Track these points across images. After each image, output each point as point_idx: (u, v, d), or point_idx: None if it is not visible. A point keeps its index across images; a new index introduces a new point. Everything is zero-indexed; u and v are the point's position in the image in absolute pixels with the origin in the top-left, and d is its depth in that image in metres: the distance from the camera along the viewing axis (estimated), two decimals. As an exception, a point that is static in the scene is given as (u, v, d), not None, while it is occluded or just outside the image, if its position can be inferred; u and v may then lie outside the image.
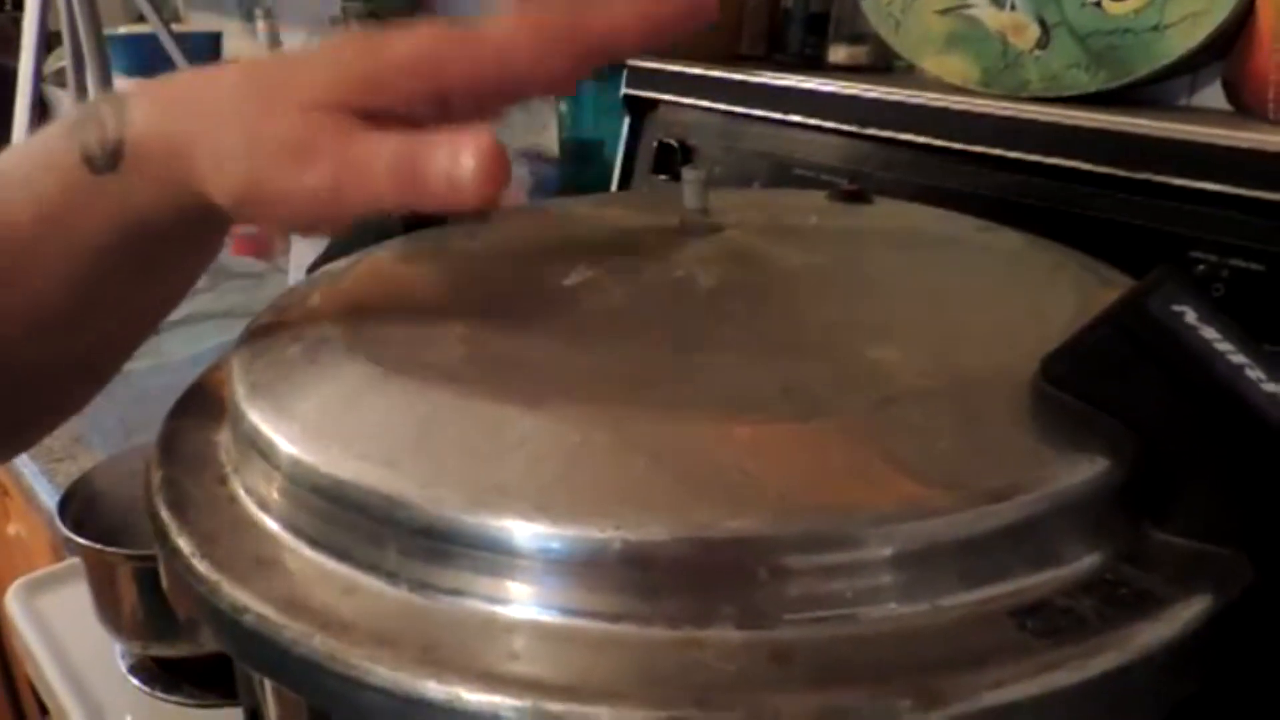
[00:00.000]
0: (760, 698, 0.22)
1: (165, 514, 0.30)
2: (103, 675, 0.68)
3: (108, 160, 0.34)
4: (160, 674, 0.67)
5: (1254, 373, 0.24)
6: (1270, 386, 0.24)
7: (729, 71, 0.72)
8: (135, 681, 0.67)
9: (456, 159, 0.29)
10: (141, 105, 0.34)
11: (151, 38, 1.34)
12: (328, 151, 0.31)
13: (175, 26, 1.52)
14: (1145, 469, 0.25)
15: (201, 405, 0.35)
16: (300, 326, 0.34)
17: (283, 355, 0.33)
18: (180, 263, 0.38)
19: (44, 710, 0.73)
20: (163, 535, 0.30)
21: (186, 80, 0.35)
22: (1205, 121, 0.51)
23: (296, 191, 0.31)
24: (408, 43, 0.32)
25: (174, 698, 0.65)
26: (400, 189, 0.30)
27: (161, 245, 0.36)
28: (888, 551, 0.23)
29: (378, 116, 0.31)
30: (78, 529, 0.65)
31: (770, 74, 0.70)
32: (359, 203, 0.31)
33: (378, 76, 0.32)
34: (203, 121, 0.33)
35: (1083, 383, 0.25)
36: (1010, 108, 0.58)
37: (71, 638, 0.72)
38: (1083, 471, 0.25)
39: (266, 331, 0.35)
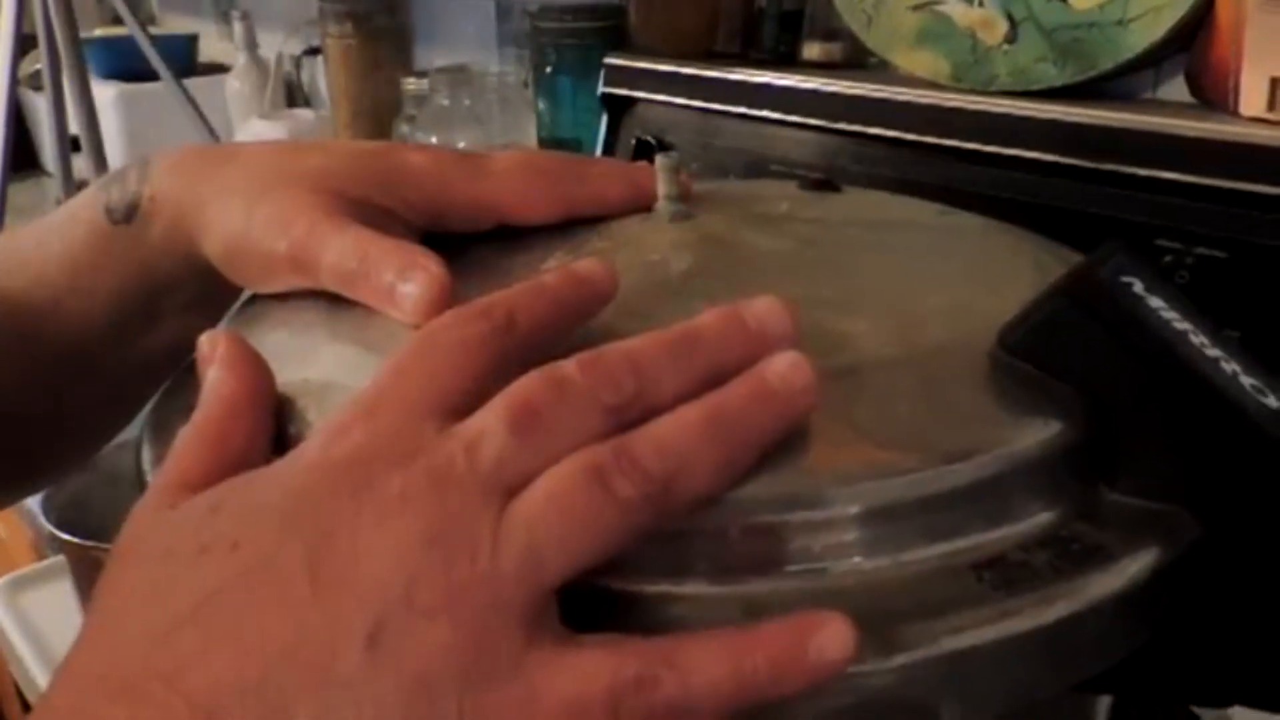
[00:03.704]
0: None
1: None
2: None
3: (125, 212, 0.37)
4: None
5: (1197, 339, 0.25)
6: (1213, 352, 0.25)
7: (705, 69, 0.73)
8: (120, 675, 0.67)
9: (403, 277, 0.31)
10: (164, 167, 0.38)
11: (128, 40, 1.34)
12: (300, 226, 0.33)
13: (151, 29, 1.52)
14: (1097, 432, 0.26)
15: (189, 390, 0.36)
16: (284, 312, 0.35)
17: (267, 340, 0.33)
18: (187, 316, 0.40)
19: (28, 709, 0.73)
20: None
21: (215, 151, 0.39)
22: (1169, 113, 0.53)
23: (266, 256, 0.34)
24: (421, 159, 0.36)
25: (159, 691, 0.65)
26: (339, 279, 0.33)
27: (169, 297, 0.39)
28: (853, 510, 0.24)
29: (374, 214, 0.34)
30: (61, 526, 0.66)
31: (745, 71, 0.71)
32: (306, 278, 0.34)
33: (383, 177, 0.35)
34: (214, 186, 0.36)
35: (1037, 350, 0.26)
36: (980, 102, 0.59)
37: (56, 636, 0.72)
38: (1038, 434, 0.26)
39: (251, 317, 0.36)
